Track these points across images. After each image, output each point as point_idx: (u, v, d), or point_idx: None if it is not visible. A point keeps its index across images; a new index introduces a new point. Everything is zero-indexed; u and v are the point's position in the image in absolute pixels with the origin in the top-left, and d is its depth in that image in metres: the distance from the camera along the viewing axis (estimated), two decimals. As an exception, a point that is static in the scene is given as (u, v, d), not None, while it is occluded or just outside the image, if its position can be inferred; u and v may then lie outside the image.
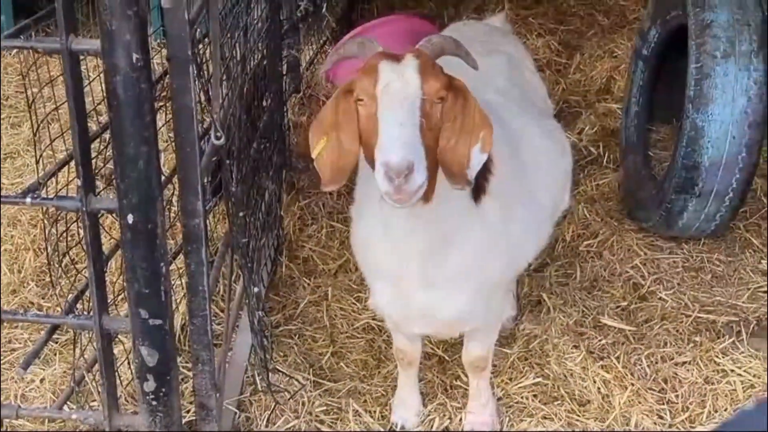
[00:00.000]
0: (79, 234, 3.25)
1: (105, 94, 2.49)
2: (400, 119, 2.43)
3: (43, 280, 4.12)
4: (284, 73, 4.71)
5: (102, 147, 3.22)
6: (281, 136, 4.53)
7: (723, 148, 3.91)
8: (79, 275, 3.28)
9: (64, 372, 3.55)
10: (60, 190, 3.09)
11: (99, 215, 2.70)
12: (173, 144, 2.64)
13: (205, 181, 2.93)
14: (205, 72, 3.02)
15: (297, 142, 5.02)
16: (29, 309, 3.99)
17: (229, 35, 3.40)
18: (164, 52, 2.52)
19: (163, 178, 2.69)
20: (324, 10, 5.96)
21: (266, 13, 4.06)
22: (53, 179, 3.19)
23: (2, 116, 5.70)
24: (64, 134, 3.00)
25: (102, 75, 2.42)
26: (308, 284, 4.15)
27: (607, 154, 4.99)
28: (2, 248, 4.36)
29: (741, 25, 3.95)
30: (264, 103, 4.11)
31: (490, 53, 3.54)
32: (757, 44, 3.91)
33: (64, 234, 3.19)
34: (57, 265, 3.26)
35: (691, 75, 3.99)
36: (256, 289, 3.22)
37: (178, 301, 3.50)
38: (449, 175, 2.52)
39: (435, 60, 2.57)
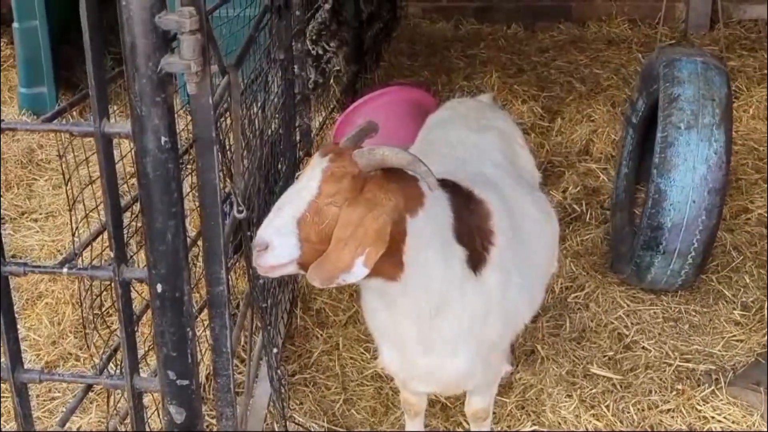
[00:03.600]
0: (112, 295, 3.10)
1: (136, 171, 2.37)
2: (281, 205, 2.46)
3: (81, 332, 3.97)
4: (298, 140, 4.58)
5: (135, 214, 3.10)
6: (295, 198, 4.39)
7: (684, 211, 3.81)
8: (112, 333, 3.13)
9: (99, 420, 3.39)
10: (94, 258, 2.94)
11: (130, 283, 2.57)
12: (197, 207, 2.52)
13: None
14: (228, 147, 2.90)
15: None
16: (68, 360, 3.85)
17: (248, 111, 3.28)
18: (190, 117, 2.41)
19: (189, 240, 2.56)
20: (331, 81, 5.86)
21: (282, 89, 3.94)
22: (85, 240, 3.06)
23: (44, 178, 5.57)
24: (98, 206, 2.87)
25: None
26: (321, 335, 3.99)
27: (589, 212, 4.84)
28: (44, 302, 4.22)
29: (706, 100, 3.86)
30: (279, 168, 3.98)
31: (484, 129, 3.43)
32: (719, 118, 3.83)
33: (99, 296, 3.04)
34: (92, 325, 3.11)
35: (657, 143, 3.91)
36: (275, 350, 3.07)
37: (203, 352, 3.36)
38: (318, 269, 2.40)
39: (370, 168, 2.44)
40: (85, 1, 2.26)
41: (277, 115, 3.80)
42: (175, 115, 2.37)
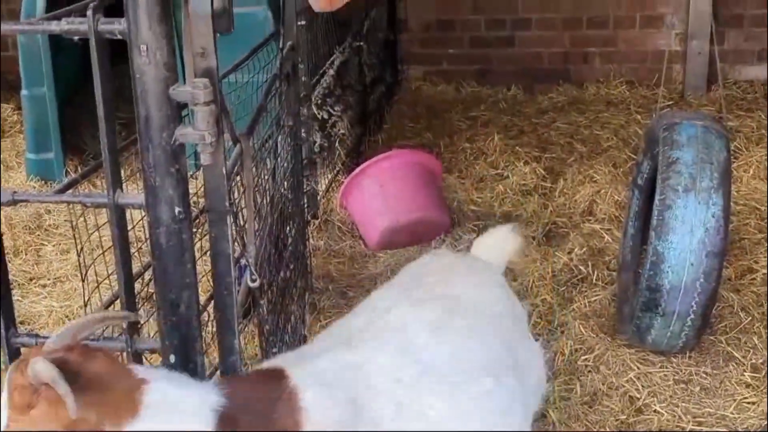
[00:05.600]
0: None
1: (149, 242, 2.34)
2: None
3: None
4: (306, 205, 4.55)
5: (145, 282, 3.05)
6: (303, 261, 4.35)
7: (682, 274, 3.77)
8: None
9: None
10: (106, 328, 2.88)
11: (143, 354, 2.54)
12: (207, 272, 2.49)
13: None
14: (239, 214, 2.86)
15: (316, 265, 4.85)
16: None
17: (259, 177, 3.26)
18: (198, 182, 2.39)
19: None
20: (336, 144, 5.86)
21: (290, 154, 3.92)
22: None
23: (52, 244, 5.53)
24: (111, 274, 2.83)
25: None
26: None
27: (596, 273, 4.79)
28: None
29: (704, 163, 3.85)
30: (288, 232, 3.95)
31: (424, 302, 2.69)
32: (717, 181, 3.82)
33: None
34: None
35: (656, 206, 3.89)
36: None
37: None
38: None
39: (39, 381, 2.03)
40: (99, 76, 2.25)
41: (285, 181, 3.77)
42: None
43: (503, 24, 8.21)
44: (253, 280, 2.54)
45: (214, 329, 2.55)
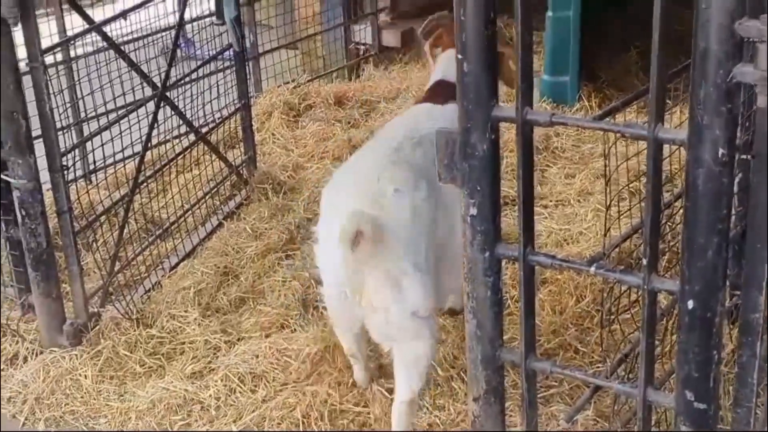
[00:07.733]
0: (629, 297, 3.08)
1: (683, 182, 2.32)
2: None
3: (582, 325, 4.03)
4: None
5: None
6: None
7: None
8: (625, 337, 3.10)
9: (595, 419, 3.40)
10: (622, 260, 2.94)
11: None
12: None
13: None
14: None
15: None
16: (567, 350, 3.92)
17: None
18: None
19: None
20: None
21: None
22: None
23: (558, 166, 5.72)
24: (631, 209, 2.85)
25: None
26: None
27: None
28: (547, 289, 4.32)
29: None
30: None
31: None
32: None
33: (618, 299, 3.04)
34: (607, 325, 3.11)
35: None
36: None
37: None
38: None
39: None
40: (659, 2, 2.24)
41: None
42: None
43: None
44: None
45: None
